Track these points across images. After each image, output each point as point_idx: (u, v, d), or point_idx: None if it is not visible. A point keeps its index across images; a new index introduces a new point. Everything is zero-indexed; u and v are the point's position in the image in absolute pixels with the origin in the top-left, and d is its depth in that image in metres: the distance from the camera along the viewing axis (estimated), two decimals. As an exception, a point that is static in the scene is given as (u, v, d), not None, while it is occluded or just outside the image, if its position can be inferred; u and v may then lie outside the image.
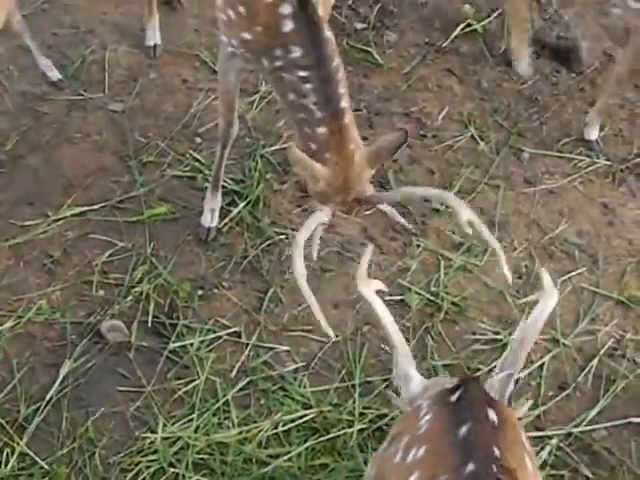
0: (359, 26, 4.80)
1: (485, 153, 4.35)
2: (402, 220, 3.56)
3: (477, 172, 4.27)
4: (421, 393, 2.65)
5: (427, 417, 2.40)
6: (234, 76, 3.68)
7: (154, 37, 4.57)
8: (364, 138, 4.21)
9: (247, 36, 3.46)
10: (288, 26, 3.34)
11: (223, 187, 4.13)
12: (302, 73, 3.35)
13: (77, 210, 4.07)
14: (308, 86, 3.35)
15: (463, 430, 2.27)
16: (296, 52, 3.35)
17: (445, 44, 4.73)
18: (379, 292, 2.74)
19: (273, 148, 4.24)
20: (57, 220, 4.04)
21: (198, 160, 4.26)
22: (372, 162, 3.37)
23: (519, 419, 2.52)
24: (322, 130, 3.35)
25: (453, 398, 2.40)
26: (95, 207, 4.08)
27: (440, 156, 4.33)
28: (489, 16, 4.81)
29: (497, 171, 4.29)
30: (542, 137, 4.45)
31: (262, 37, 3.40)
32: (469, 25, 4.78)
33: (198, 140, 4.34)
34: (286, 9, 3.31)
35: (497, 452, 2.25)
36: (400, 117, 4.46)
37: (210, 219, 4.09)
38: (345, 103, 3.37)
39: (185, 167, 4.24)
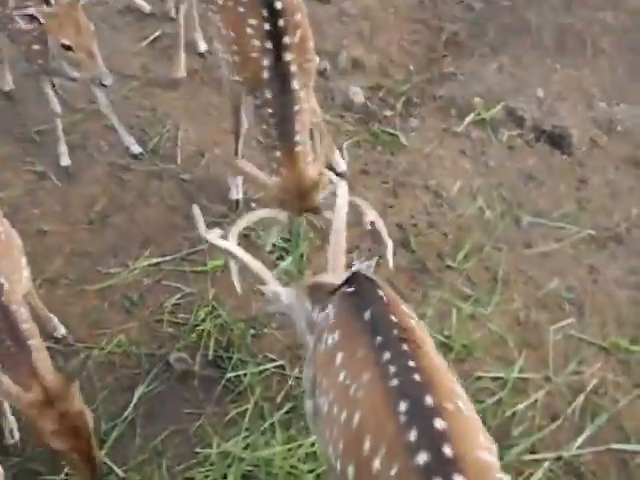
0: (388, 113, 4.79)
1: (490, 220, 4.32)
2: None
3: (484, 236, 4.25)
4: (295, 300, 2.85)
5: (333, 310, 2.57)
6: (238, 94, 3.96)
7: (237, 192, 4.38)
8: (390, 206, 4.35)
9: (238, 78, 3.77)
10: (265, 75, 3.62)
11: (273, 244, 4.14)
12: (270, 110, 3.63)
13: (152, 261, 4.10)
14: (272, 120, 3.64)
15: (367, 314, 2.45)
16: (268, 94, 3.63)
17: (459, 130, 4.71)
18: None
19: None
20: (135, 269, 4.08)
21: None
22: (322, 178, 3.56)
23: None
24: (278, 153, 3.63)
25: (350, 290, 2.56)
26: (167, 258, 4.12)
27: (453, 222, 4.31)
28: (495, 107, 4.79)
29: (500, 236, 4.26)
30: (538, 208, 4.40)
31: (250, 80, 3.70)
32: (479, 114, 4.76)
33: (253, 205, 4.32)
34: (265, 62, 3.60)
35: (394, 319, 2.44)
36: (421, 189, 4.44)
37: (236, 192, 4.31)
38: (299, 137, 3.64)
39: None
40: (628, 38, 5.17)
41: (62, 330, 3.79)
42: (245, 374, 3.69)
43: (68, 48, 3.84)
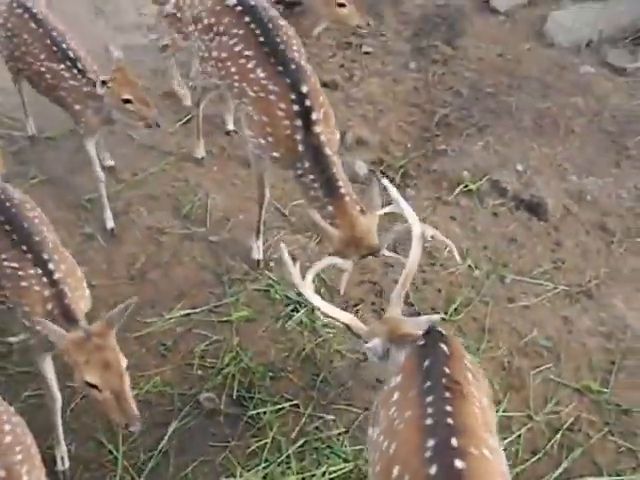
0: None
1: (478, 278, 4.32)
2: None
3: (472, 292, 4.25)
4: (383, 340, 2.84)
5: (403, 357, 2.60)
6: (263, 168, 4.01)
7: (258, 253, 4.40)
8: (391, 265, 4.32)
9: (276, 154, 3.76)
10: (300, 148, 3.66)
11: (288, 297, 4.17)
12: (312, 176, 3.67)
13: (184, 312, 4.11)
14: (316, 185, 3.69)
15: (426, 362, 2.47)
16: (307, 164, 3.66)
17: (450, 199, 4.72)
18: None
19: (326, 272, 4.12)
20: (170, 319, 4.08)
21: (271, 278, 4.28)
22: (373, 218, 3.59)
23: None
24: (330, 208, 3.64)
25: (421, 342, 2.60)
26: (197, 310, 4.13)
27: (445, 279, 4.31)
28: (481, 179, 4.82)
29: (487, 291, 4.27)
30: (519, 267, 4.40)
31: (286, 155, 3.73)
32: (467, 186, 4.77)
33: (271, 264, 4.36)
34: (298, 137, 3.65)
35: (447, 370, 2.43)
36: None
37: (257, 253, 4.31)
38: (344, 190, 3.65)
39: (262, 283, 4.26)
40: (596, 120, 5.22)
41: None
42: (265, 412, 3.71)
43: (127, 101, 4.05)
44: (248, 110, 3.88)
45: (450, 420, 2.29)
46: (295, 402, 3.77)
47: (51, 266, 3.25)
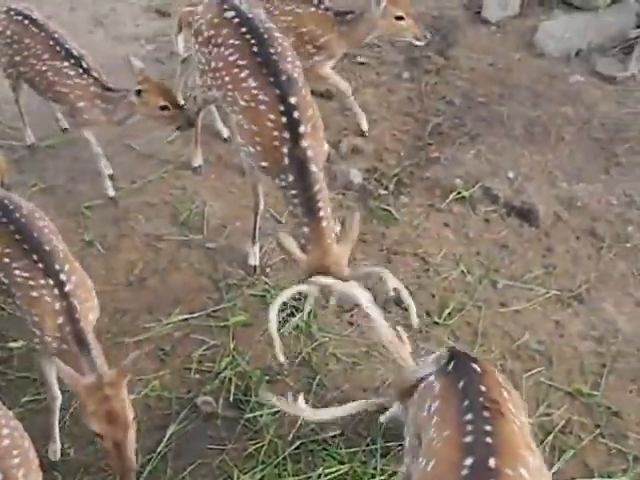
0: (382, 192, 4.80)
1: (471, 283, 4.31)
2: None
3: (465, 296, 4.25)
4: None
5: (438, 385, 2.55)
6: (258, 177, 3.99)
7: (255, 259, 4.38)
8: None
9: (264, 164, 3.73)
10: (286, 161, 3.61)
11: (284, 304, 3.97)
12: (293, 192, 3.62)
13: (182, 317, 4.10)
14: (296, 201, 3.61)
15: (461, 383, 2.45)
16: (290, 178, 3.61)
17: (442, 206, 4.71)
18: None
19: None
20: (168, 324, 4.07)
21: (267, 283, 4.27)
22: (346, 248, 3.55)
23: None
24: (306, 229, 3.58)
25: (450, 366, 2.58)
26: (194, 315, 4.12)
27: (439, 284, 4.30)
28: (473, 187, 4.81)
29: (479, 296, 4.26)
30: (511, 272, 4.39)
31: (272, 165, 3.69)
32: (459, 193, 4.75)
33: (268, 270, 4.36)
34: (285, 150, 3.60)
35: (483, 389, 2.41)
36: (411, 256, 4.43)
37: (253, 259, 4.30)
38: (322, 213, 3.58)
39: (258, 288, 4.25)
40: (585, 128, 5.22)
41: None
42: (261, 415, 3.70)
43: (164, 108, 4.24)
44: (238, 119, 3.86)
45: (489, 439, 2.28)
46: (291, 405, 3.74)
47: (62, 277, 3.22)
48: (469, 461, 2.22)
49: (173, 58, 5.59)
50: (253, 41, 3.87)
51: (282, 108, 3.67)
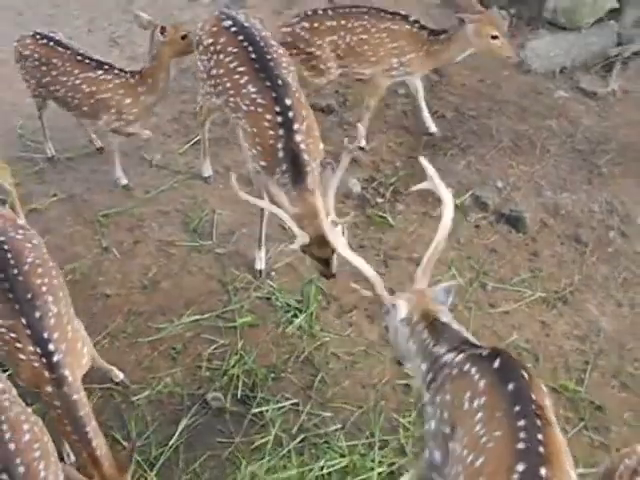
0: (379, 200, 4.80)
1: (462, 285, 4.28)
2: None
3: (457, 298, 4.00)
4: (409, 317, 2.80)
5: (482, 381, 2.47)
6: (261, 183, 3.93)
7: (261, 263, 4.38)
8: (382, 274, 4.27)
9: (263, 163, 3.75)
10: (280, 154, 3.65)
11: (288, 304, 4.16)
12: (287, 178, 3.67)
13: (193, 318, 4.09)
14: (286, 176, 3.66)
15: (510, 386, 2.38)
16: (284, 166, 3.66)
17: (435, 213, 4.57)
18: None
19: (322, 281, 4.17)
20: (179, 325, 4.06)
21: (272, 286, 4.26)
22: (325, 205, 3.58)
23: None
24: (294, 193, 3.65)
25: (496, 364, 2.48)
26: (205, 316, 4.11)
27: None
28: (464, 195, 4.81)
29: (470, 298, 4.26)
30: (500, 275, 4.39)
31: (270, 163, 3.71)
32: None
33: (272, 273, 4.35)
34: (279, 145, 3.64)
35: (533, 396, 2.36)
36: (406, 260, 4.42)
37: (260, 263, 4.30)
38: (309, 183, 3.65)
39: (264, 291, 4.25)
40: (569, 141, 5.22)
41: (120, 375, 3.79)
42: (267, 410, 3.70)
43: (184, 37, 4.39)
44: (242, 123, 3.88)
45: (542, 449, 2.25)
46: (295, 401, 3.77)
47: (51, 347, 2.98)
48: (521, 467, 2.20)
49: (185, 76, 5.63)
50: (250, 48, 3.89)
51: (278, 109, 3.71)
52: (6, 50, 5.04)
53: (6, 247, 3.15)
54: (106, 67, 4.49)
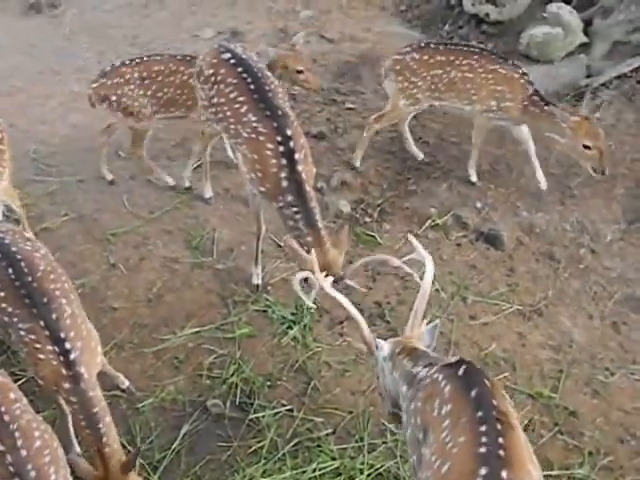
0: (367, 220, 4.80)
1: (444, 299, 4.31)
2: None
3: (439, 310, 4.23)
4: (391, 353, 2.82)
5: (447, 387, 2.46)
6: (259, 206, 4.00)
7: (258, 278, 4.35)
8: (370, 288, 4.34)
9: (262, 189, 3.75)
10: (284, 183, 3.64)
11: (284, 317, 4.14)
12: (294, 209, 3.65)
13: (194, 330, 4.07)
14: (297, 216, 3.69)
15: (473, 392, 2.36)
16: (289, 198, 3.65)
17: (419, 232, 4.68)
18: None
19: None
20: (182, 336, 4.04)
21: (269, 300, 4.25)
22: (341, 251, 3.68)
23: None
24: (309, 239, 3.64)
25: (460, 372, 2.48)
26: (205, 328, 4.08)
27: None
28: (446, 215, 4.82)
29: (452, 310, 4.26)
30: (480, 290, 4.41)
31: (271, 189, 3.71)
32: (434, 221, 4.76)
33: (269, 288, 4.33)
34: (283, 174, 3.64)
35: (495, 402, 2.34)
36: (392, 276, 4.40)
37: (257, 278, 4.28)
38: (320, 224, 3.69)
39: (261, 304, 4.23)
40: (543, 165, 5.17)
41: (126, 383, 3.77)
42: (263, 416, 3.69)
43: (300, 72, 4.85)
44: (242, 149, 3.88)
45: (502, 452, 2.22)
46: (289, 407, 3.75)
47: (67, 345, 3.00)
48: (484, 471, 2.19)
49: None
50: (249, 79, 3.91)
51: (279, 139, 3.71)
52: (21, 80, 5.06)
53: (19, 257, 3.20)
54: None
